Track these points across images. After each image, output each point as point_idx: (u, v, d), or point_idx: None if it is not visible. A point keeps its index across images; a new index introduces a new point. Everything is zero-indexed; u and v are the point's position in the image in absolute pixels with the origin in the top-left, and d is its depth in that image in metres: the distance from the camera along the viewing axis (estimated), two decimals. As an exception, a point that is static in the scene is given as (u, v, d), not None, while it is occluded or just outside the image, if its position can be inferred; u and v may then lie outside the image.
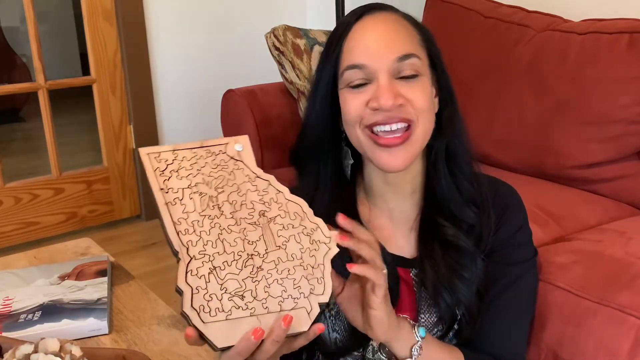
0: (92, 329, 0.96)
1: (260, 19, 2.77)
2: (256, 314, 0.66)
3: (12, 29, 4.51)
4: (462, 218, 0.88)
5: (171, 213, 0.69)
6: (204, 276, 0.66)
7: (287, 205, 0.72)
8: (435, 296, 0.87)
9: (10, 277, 1.10)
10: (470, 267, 0.87)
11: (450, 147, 0.88)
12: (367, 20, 0.84)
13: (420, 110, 0.82)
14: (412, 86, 0.82)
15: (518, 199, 0.95)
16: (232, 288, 0.66)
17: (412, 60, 0.82)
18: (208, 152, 0.74)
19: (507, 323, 0.91)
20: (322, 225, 0.71)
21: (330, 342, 0.90)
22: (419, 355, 0.79)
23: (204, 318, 0.64)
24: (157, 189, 0.70)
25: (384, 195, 0.92)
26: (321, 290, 0.68)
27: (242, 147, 0.75)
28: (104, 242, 2.23)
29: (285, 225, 0.71)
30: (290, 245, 0.70)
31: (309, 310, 0.67)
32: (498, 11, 1.81)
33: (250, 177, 0.73)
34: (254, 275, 0.68)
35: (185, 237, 0.68)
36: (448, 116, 0.88)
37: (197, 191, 0.71)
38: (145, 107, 2.63)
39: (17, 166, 3.19)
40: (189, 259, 0.67)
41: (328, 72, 0.86)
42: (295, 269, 0.69)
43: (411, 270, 0.90)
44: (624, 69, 1.45)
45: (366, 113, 0.82)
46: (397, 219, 0.93)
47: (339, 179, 0.92)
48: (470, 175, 0.90)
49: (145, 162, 0.72)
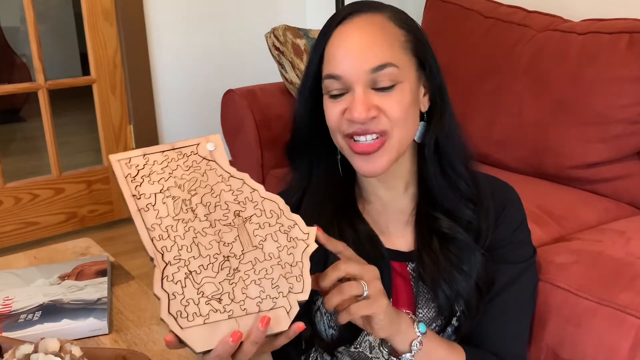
0: (92, 329, 0.96)
1: (260, 19, 2.77)
2: (234, 316, 0.66)
3: (12, 29, 4.51)
4: (458, 214, 0.88)
5: (144, 219, 0.68)
6: (180, 281, 0.66)
7: (263, 203, 0.71)
8: (434, 288, 0.87)
9: (10, 277, 1.10)
10: (469, 260, 0.87)
11: (440, 145, 0.88)
12: (346, 26, 0.83)
13: (394, 121, 0.82)
14: (387, 96, 0.81)
15: (516, 197, 0.95)
16: (209, 292, 0.66)
17: (387, 70, 0.81)
18: (179, 154, 0.73)
19: (508, 322, 0.91)
20: (299, 221, 0.71)
21: (327, 338, 0.90)
22: (418, 350, 0.79)
23: (181, 323, 0.64)
24: (129, 196, 0.69)
25: (376, 191, 0.92)
26: (300, 288, 0.68)
27: (215, 147, 0.74)
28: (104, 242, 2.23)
29: (261, 224, 0.70)
30: (267, 245, 0.69)
31: (288, 310, 0.67)
32: (498, 11, 1.81)
33: (224, 176, 0.72)
34: (230, 277, 0.67)
35: (160, 242, 0.67)
36: (438, 114, 0.88)
37: (169, 195, 0.70)
38: (145, 107, 2.63)
39: (17, 166, 3.19)
40: (164, 264, 0.66)
41: (312, 75, 0.87)
42: (273, 268, 0.68)
43: (407, 264, 0.91)
44: (624, 69, 1.45)
45: (343, 123, 0.83)
46: (391, 214, 0.93)
47: (334, 173, 0.93)
48: (465, 173, 0.89)
49: (116, 169, 0.71)
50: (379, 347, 0.89)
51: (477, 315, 0.89)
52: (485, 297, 0.89)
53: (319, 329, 0.91)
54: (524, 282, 0.92)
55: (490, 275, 0.89)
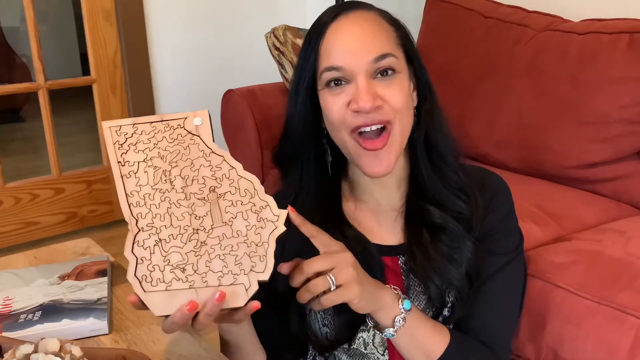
0: (92, 329, 0.96)
1: (260, 19, 2.77)
2: (195, 287, 0.69)
3: (12, 29, 4.51)
4: (449, 206, 0.89)
5: (125, 185, 0.71)
6: (150, 248, 0.69)
7: (239, 181, 0.73)
8: (425, 279, 0.87)
9: (10, 277, 1.10)
10: (459, 249, 0.88)
11: (430, 139, 0.89)
12: (342, 21, 0.84)
13: (397, 110, 0.83)
14: (389, 85, 0.83)
15: (505, 186, 0.96)
16: (174, 260, 0.69)
17: (388, 59, 0.83)
18: (167, 126, 0.75)
19: (495, 311, 0.92)
20: (272, 203, 0.72)
21: (321, 337, 0.91)
22: (401, 326, 0.80)
23: (145, 287, 0.68)
24: (115, 162, 0.73)
25: (371, 190, 0.93)
26: (262, 268, 0.70)
27: (201, 122, 0.75)
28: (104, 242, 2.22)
29: (234, 201, 0.72)
30: (236, 222, 0.71)
31: (247, 287, 0.69)
32: (498, 11, 1.81)
33: (205, 152, 0.74)
34: (197, 249, 0.70)
35: (136, 209, 0.70)
36: (427, 109, 0.90)
37: (151, 165, 0.72)
38: (145, 107, 2.63)
39: (17, 166, 3.19)
40: (137, 230, 0.70)
41: (307, 73, 0.87)
42: (238, 246, 0.70)
43: (399, 258, 0.91)
44: (624, 69, 1.45)
45: (348, 115, 0.83)
46: (383, 210, 0.93)
47: (322, 176, 0.93)
48: (455, 164, 0.91)
49: (106, 135, 0.74)
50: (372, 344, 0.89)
51: (468, 304, 0.89)
52: (475, 286, 0.90)
53: (314, 328, 0.91)
54: (511, 271, 0.93)
55: (480, 263, 0.90)
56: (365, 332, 0.89)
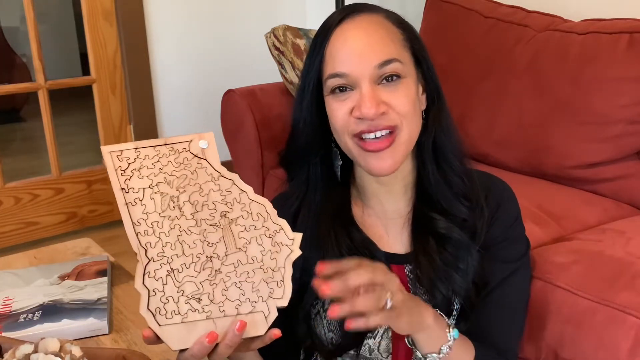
0: (92, 329, 0.96)
1: (260, 19, 2.77)
2: (212, 317, 0.66)
3: (12, 29, 4.51)
4: (453, 212, 0.88)
5: (131, 214, 0.68)
6: (162, 278, 0.66)
7: (250, 205, 0.70)
8: (431, 289, 0.87)
9: (10, 277, 1.10)
10: (465, 258, 0.87)
11: (438, 143, 0.88)
12: (347, 25, 0.83)
13: (403, 115, 0.82)
14: (394, 90, 0.82)
15: (511, 193, 0.95)
16: (189, 291, 0.66)
17: (393, 65, 0.81)
18: (171, 150, 0.72)
19: (504, 318, 0.92)
20: (285, 226, 0.70)
21: (326, 342, 0.90)
22: (446, 354, 0.79)
23: (159, 320, 0.65)
24: (118, 189, 0.69)
25: (378, 195, 0.92)
26: (280, 294, 0.68)
27: (207, 145, 0.73)
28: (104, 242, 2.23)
29: (247, 226, 0.69)
30: (251, 248, 0.69)
31: (266, 314, 0.67)
32: (498, 11, 1.81)
33: (214, 176, 0.71)
34: (212, 278, 0.67)
35: (144, 238, 0.67)
36: (435, 112, 0.89)
37: (158, 191, 0.69)
38: (145, 107, 2.63)
39: (17, 166, 3.19)
40: (147, 260, 0.66)
41: (312, 78, 0.86)
42: (254, 272, 0.68)
43: (405, 266, 0.91)
44: (624, 69, 1.45)
45: (351, 122, 0.83)
46: (390, 217, 0.93)
47: (330, 180, 0.92)
48: (460, 170, 0.90)
49: (107, 160, 0.71)
50: (377, 350, 0.89)
51: (475, 312, 0.89)
52: (482, 294, 0.90)
53: (319, 333, 0.90)
54: (519, 278, 0.93)
55: (486, 270, 0.90)
56: (372, 338, 0.89)
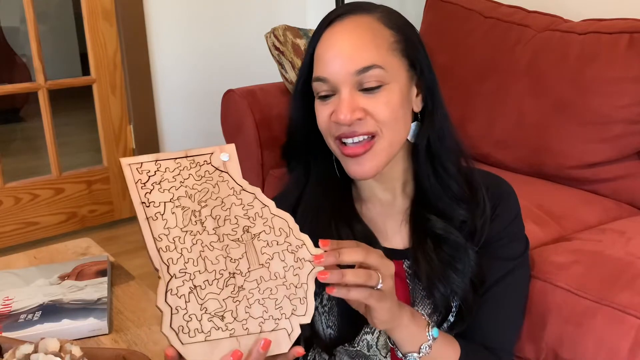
0: (92, 329, 0.96)
1: (260, 19, 2.77)
2: (236, 335, 0.65)
3: (12, 29, 4.51)
4: (450, 215, 0.88)
5: (152, 228, 0.66)
6: (184, 296, 0.65)
7: (273, 220, 0.69)
8: (429, 287, 0.87)
9: (10, 277, 1.10)
10: (463, 259, 0.87)
11: (432, 146, 0.88)
12: (335, 28, 0.83)
13: (382, 122, 0.82)
14: (374, 98, 0.81)
15: (511, 191, 0.95)
16: (212, 308, 0.65)
17: (373, 71, 0.80)
18: (192, 163, 0.70)
19: (501, 316, 0.92)
20: (308, 242, 0.69)
21: (325, 338, 0.91)
22: (427, 353, 0.79)
23: (182, 339, 0.63)
24: (138, 202, 0.67)
25: (375, 192, 0.93)
26: (303, 311, 0.67)
27: (229, 157, 0.71)
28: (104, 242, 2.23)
29: (269, 242, 0.68)
30: (273, 264, 0.68)
31: (289, 332, 0.66)
32: (498, 11, 1.81)
33: (236, 189, 0.70)
34: (235, 295, 0.66)
35: (166, 254, 0.66)
36: (429, 115, 0.88)
37: (179, 205, 0.68)
38: (145, 107, 2.63)
39: (17, 166, 3.19)
40: (170, 277, 0.65)
41: (304, 77, 0.87)
42: (277, 289, 0.67)
43: (404, 261, 0.91)
44: (624, 69, 1.45)
45: (331, 125, 0.83)
46: (388, 212, 0.93)
47: (330, 175, 0.93)
48: (456, 174, 0.89)
49: (126, 173, 0.68)
50: (376, 346, 0.89)
51: (474, 311, 0.89)
52: (480, 292, 0.90)
53: (317, 329, 0.91)
54: (517, 277, 0.93)
55: (484, 268, 0.90)
56: (370, 334, 0.89)
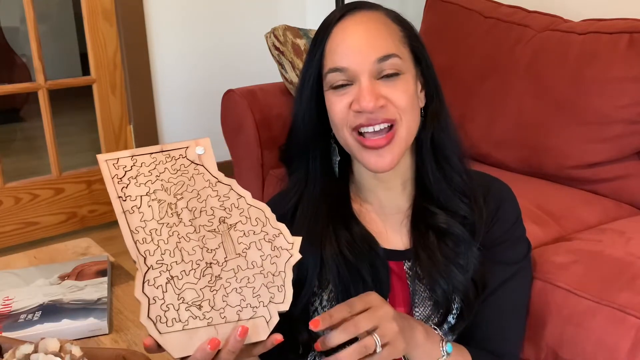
0: (92, 329, 0.96)
1: (260, 19, 2.77)
2: (213, 323, 0.66)
3: (12, 29, 4.51)
4: (453, 209, 0.89)
5: (129, 222, 0.68)
6: (161, 286, 0.66)
7: (249, 210, 0.70)
8: (431, 284, 0.87)
9: (10, 277, 1.10)
10: (465, 254, 0.87)
11: (436, 140, 0.89)
12: (348, 21, 0.85)
13: (402, 110, 0.83)
14: (393, 85, 0.83)
15: (511, 194, 0.95)
16: (189, 298, 0.66)
17: (392, 60, 0.82)
18: (168, 157, 0.72)
19: (504, 320, 0.91)
20: (284, 231, 0.70)
21: None
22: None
23: (160, 329, 0.65)
24: (115, 197, 0.69)
25: (375, 191, 0.92)
26: (281, 299, 0.68)
27: (204, 151, 0.73)
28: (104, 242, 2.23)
29: (246, 231, 0.69)
30: (250, 253, 0.69)
31: (267, 319, 0.67)
32: (498, 11, 1.81)
33: (211, 182, 0.71)
34: (212, 284, 0.67)
35: (143, 246, 0.67)
36: (434, 110, 0.89)
37: (155, 198, 0.69)
38: (145, 107, 2.63)
39: (17, 166, 3.19)
40: (147, 268, 0.66)
41: (312, 73, 0.87)
42: (255, 277, 0.68)
43: (404, 262, 0.90)
44: (624, 69, 1.45)
45: (350, 115, 0.83)
46: (388, 213, 0.93)
47: (329, 175, 0.93)
48: (460, 166, 0.90)
49: (103, 169, 0.71)
50: None
51: (474, 312, 0.89)
52: (481, 294, 0.90)
53: (318, 331, 0.90)
54: (519, 281, 0.93)
55: (486, 271, 0.90)
56: None
